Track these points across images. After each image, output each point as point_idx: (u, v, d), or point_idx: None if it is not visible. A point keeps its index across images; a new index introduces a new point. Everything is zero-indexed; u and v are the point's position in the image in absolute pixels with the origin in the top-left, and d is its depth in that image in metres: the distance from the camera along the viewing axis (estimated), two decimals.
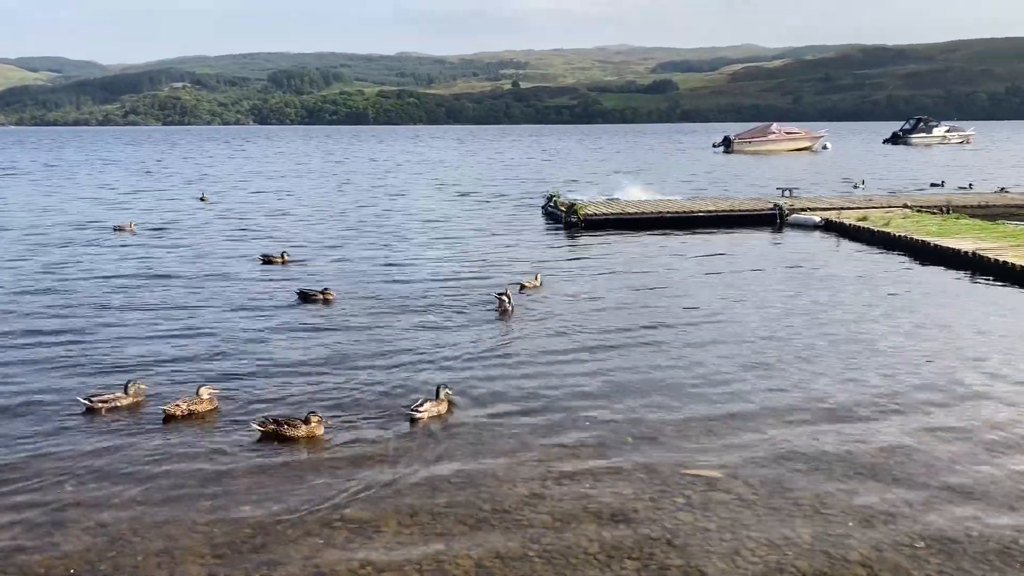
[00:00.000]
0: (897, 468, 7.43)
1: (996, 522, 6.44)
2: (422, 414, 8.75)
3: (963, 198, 28.16)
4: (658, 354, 11.07)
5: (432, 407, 8.86)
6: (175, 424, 8.67)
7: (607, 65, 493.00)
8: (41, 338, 12.05)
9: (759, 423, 8.53)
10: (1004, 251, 17.01)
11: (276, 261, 18.56)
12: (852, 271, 17.24)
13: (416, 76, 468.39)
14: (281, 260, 18.59)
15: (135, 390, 9.28)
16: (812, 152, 77.02)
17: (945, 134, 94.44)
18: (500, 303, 13.50)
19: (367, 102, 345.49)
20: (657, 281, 16.21)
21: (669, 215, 25.22)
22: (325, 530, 6.45)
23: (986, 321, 12.69)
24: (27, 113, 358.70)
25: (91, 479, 7.38)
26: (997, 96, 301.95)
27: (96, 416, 8.91)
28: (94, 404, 9.04)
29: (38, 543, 6.29)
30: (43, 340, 11.93)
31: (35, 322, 13.06)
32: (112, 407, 9.05)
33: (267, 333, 12.38)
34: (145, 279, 16.82)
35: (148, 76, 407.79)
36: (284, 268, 18.09)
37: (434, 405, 8.90)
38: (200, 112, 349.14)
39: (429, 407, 8.84)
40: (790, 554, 6.02)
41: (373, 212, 29.77)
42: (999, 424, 8.46)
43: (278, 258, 18.68)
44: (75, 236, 23.52)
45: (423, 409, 8.79)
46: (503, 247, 21.11)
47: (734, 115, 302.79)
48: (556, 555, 6.05)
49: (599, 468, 7.49)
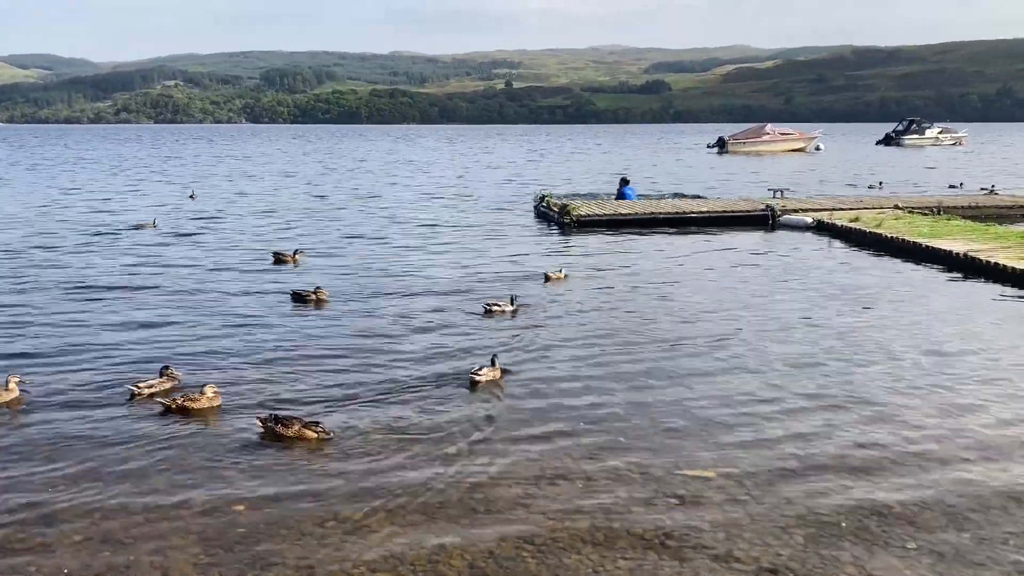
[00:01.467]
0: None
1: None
2: (481, 377, 9.76)
3: (954, 199, 28.29)
4: (638, 360, 11.10)
5: (489, 372, 9.87)
6: (185, 420, 8.67)
7: (600, 65, 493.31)
8: (53, 330, 12.02)
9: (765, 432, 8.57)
10: (995, 252, 17.10)
11: (288, 260, 18.43)
12: (843, 271, 17.29)
13: (409, 75, 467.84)
14: (293, 259, 18.46)
15: (170, 373, 9.72)
16: (806, 153, 77.29)
17: (938, 135, 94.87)
18: (487, 310, 13.34)
19: (360, 101, 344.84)
20: (643, 281, 16.25)
21: (662, 216, 25.27)
22: (318, 529, 6.45)
23: (983, 322, 12.77)
24: (18, 111, 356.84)
25: (83, 476, 7.36)
26: (989, 98, 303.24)
27: (137, 402, 9.22)
28: (140, 391, 9.39)
29: (30, 543, 6.28)
30: (55, 333, 11.89)
31: (31, 314, 13.02)
32: (154, 392, 9.41)
33: (278, 330, 12.38)
34: (158, 276, 16.88)
35: (140, 74, 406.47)
36: (296, 267, 18.00)
37: (491, 371, 9.89)
38: (192, 110, 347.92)
39: (487, 372, 9.84)
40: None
41: (365, 213, 29.73)
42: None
43: (290, 257, 18.54)
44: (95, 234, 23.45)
45: (482, 373, 9.79)
46: (496, 248, 21.11)
47: (726, 116, 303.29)
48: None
49: (594, 471, 7.51)
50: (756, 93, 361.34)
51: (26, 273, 17.31)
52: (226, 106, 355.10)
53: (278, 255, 18.71)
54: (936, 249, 18.07)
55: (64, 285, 15.93)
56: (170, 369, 9.82)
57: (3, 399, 9.24)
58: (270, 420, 8.28)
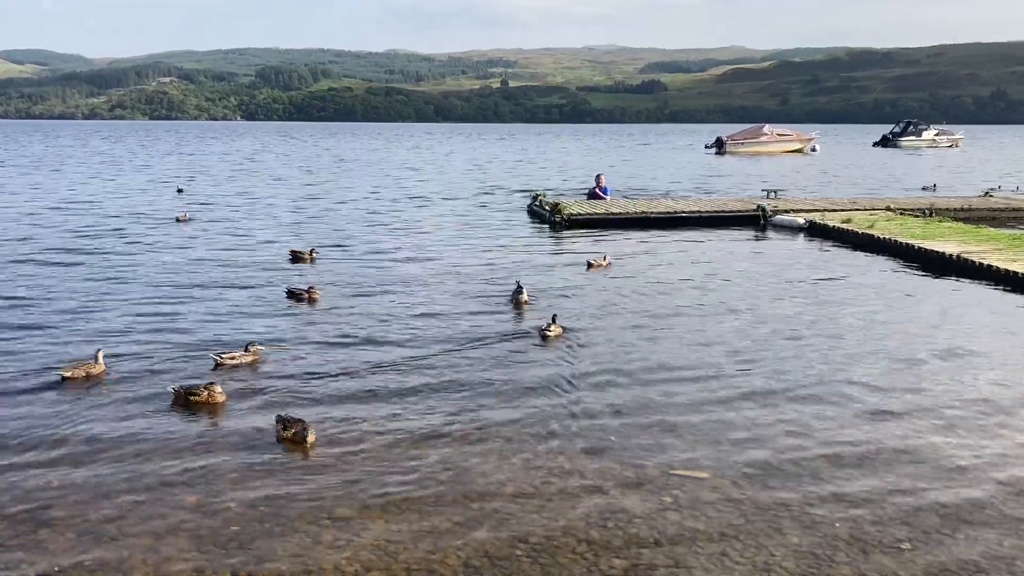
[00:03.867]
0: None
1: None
2: (551, 333, 11.49)
3: (947, 201, 28.38)
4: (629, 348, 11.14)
5: (555, 328, 11.56)
6: (186, 415, 8.66)
7: (596, 65, 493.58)
8: (62, 315, 12.00)
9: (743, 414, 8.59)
10: (988, 254, 17.18)
11: (304, 258, 18.33)
12: (834, 272, 17.34)
13: (405, 73, 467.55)
14: (309, 257, 18.36)
15: (255, 350, 10.37)
16: (803, 154, 77.53)
17: (935, 137, 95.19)
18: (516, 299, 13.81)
19: (355, 99, 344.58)
20: (629, 278, 16.29)
21: (653, 215, 25.33)
22: (312, 527, 6.46)
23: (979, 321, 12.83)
24: (12, 106, 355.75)
25: (75, 471, 7.35)
26: (982, 100, 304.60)
27: (221, 369, 10.07)
28: (223, 360, 10.14)
29: (22, 540, 6.28)
30: (61, 313, 11.88)
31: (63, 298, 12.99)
32: (237, 364, 10.15)
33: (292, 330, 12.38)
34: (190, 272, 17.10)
35: (135, 70, 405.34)
36: (312, 265, 17.94)
37: (556, 327, 11.58)
38: (187, 107, 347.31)
39: (555, 328, 11.54)
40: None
41: (363, 210, 29.73)
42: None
43: (306, 255, 18.44)
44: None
45: (551, 330, 11.51)
46: (485, 245, 21.12)
47: (722, 116, 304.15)
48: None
49: (590, 468, 7.53)
50: (751, 93, 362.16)
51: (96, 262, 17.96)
52: (221, 103, 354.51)
53: (295, 253, 18.60)
54: (929, 250, 18.14)
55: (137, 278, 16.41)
56: (255, 345, 10.48)
57: (93, 371, 9.82)
58: (280, 422, 8.21)
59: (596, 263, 16.91)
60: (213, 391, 8.99)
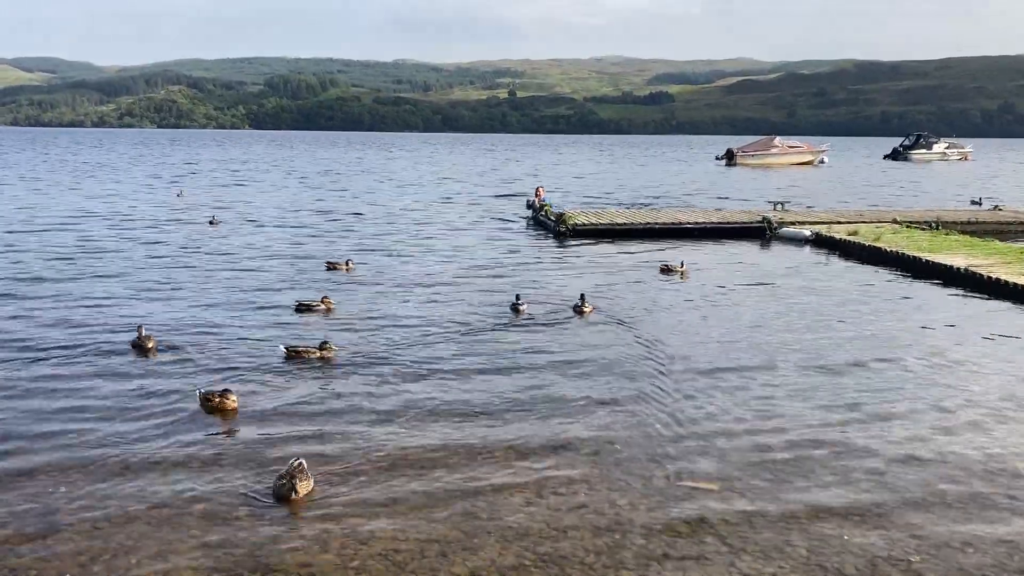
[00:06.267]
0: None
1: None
2: (587, 309, 13.61)
3: (953, 214, 28.29)
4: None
5: (588, 305, 13.69)
6: (195, 421, 8.70)
7: (603, 76, 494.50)
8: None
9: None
10: (996, 268, 17.12)
11: (340, 268, 18.36)
12: (842, 285, 17.32)
13: (413, 83, 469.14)
14: (346, 267, 18.40)
15: (328, 347, 11.08)
16: (813, 166, 77.49)
17: (945, 151, 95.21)
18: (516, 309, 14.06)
19: (363, 108, 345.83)
20: (628, 288, 16.30)
21: (658, 226, 25.30)
22: (320, 534, 6.47)
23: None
24: (22, 113, 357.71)
25: (83, 479, 7.39)
26: (989, 113, 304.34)
27: (293, 360, 10.90)
28: (299, 352, 11.05)
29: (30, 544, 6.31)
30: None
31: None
32: (308, 357, 10.95)
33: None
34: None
35: (144, 78, 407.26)
36: (349, 274, 17.98)
37: (587, 304, 13.71)
38: (196, 115, 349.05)
39: (589, 306, 13.68)
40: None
41: (373, 225, 29.80)
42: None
43: (343, 265, 18.48)
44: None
45: (587, 308, 13.63)
46: (490, 254, 21.17)
47: (729, 127, 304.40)
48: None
49: (593, 476, 7.54)
50: (758, 105, 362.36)
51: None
52: (229, 112, 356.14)
53: (331, 263, 18.62)
54: (936, 263, 18.07)
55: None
56: (328, 344, 11.11)
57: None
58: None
59: (675, 268, 18.02)
60: (227, 397, 9.17)
